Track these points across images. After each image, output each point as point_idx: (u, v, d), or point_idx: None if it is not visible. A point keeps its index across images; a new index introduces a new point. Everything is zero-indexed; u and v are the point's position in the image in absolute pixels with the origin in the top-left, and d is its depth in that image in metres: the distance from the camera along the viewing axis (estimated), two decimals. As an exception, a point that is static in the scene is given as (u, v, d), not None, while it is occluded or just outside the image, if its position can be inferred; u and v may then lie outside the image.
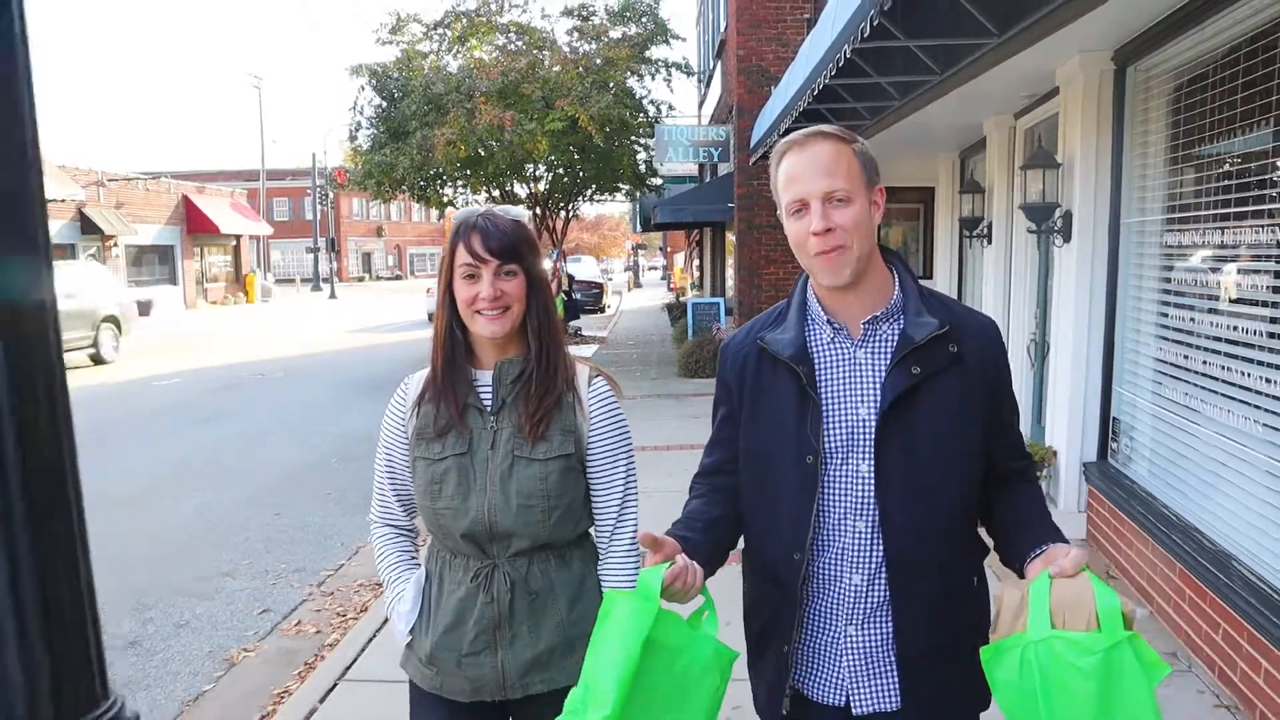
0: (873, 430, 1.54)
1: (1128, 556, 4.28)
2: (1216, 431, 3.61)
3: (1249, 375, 3.35)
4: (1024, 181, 5.18)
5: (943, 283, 9.35)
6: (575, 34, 12.89)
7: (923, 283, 1.65)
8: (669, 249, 45.81)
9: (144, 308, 27.69)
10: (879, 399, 1.55)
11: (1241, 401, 3.41)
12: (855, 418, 1.57)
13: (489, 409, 1.80)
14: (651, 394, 10.94)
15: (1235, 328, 3.47)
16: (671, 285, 37.09)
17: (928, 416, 1.54)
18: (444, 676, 1.81)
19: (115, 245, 27.15)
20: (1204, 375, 3.73)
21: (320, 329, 22.70)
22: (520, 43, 12.30)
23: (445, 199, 14.44)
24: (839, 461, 1.57)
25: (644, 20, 12.79)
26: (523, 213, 1.84)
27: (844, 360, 1.59)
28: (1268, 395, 3.21)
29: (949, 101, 5.83)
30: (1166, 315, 4.14)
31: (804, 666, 1.65)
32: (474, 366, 1.84)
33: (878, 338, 1.59)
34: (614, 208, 41.47)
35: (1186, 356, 3.90)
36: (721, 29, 14.12)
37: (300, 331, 22.12)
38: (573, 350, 1.94)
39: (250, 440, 9.00)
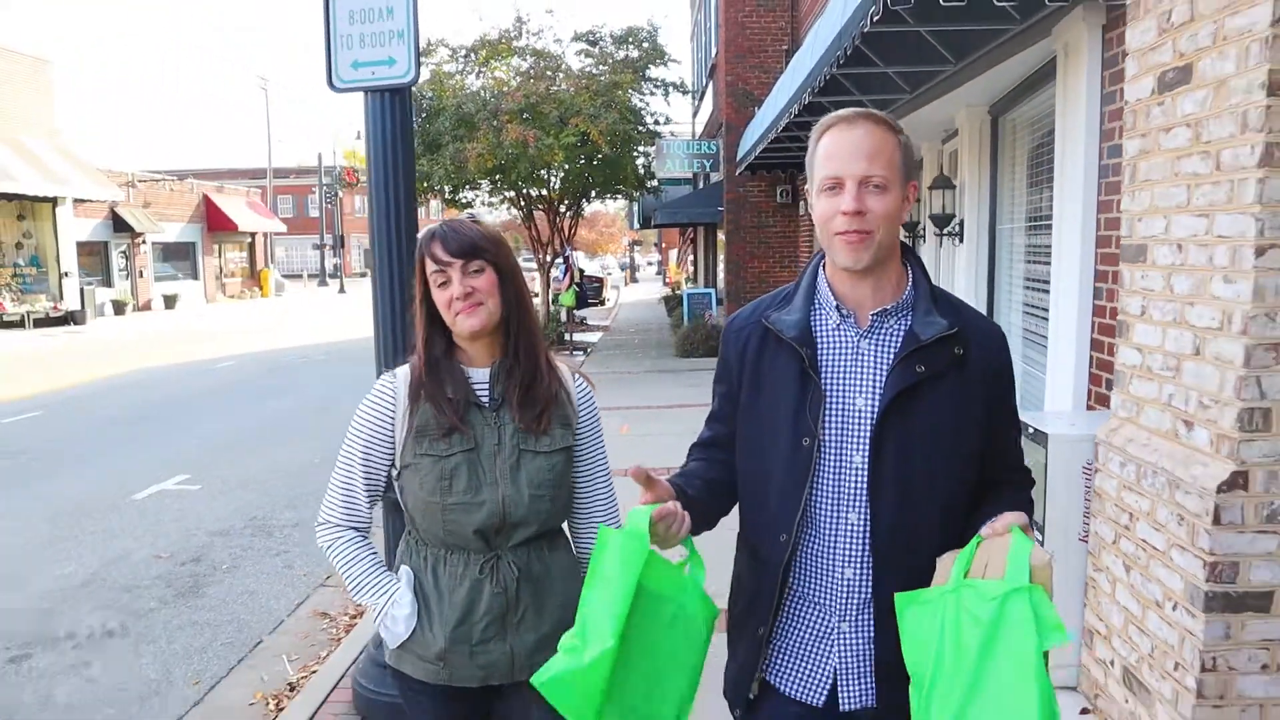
0: (870, 422, 1.53)
1: (995, 464, 6.07)
2: (1040, 371, 5.40)
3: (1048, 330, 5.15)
4: (931, 198, 6.97)
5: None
6: (583, 55, 14.66)
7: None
8: (664, 245, 47.31)
9: (171, 301, 29.47)
10: (879, 392, 1.53)
11: (1046, 348, 5.20)
12: (852, 408, 1.55)
13: (488, 406, 1.86)
14: (653, 370, 12.95)
15: (1042, 301, 5.27)
16: (668, 280, 38.53)
17: (926, 416, 1.53)
18: (453, 669, 1.85)
19: (144, 243, 28.62)
20: (1037, 334, 5.52)
21: (340, 319, 24.27)
22: (538, 65, 14.05)
23: (466, 202, 16.18)
24: (834, 449, 1.55)
25: (644, 44, 14.55)
26: (483, 215, 2.37)
27: (847, 348, 1.58)
28: (1055, 342, 5.01)
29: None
30: (1023, 294, 5.93)
31: (781, 657, 1.62)
32: (468, 365, 1.89)
33: (884, 331, 1.57)
34: (610, 204, 42.92)
35: (1029, 322, 5.70)
36: (713, 53, 15.90)
37: (322, 322, 23.79)
38: (580, 338, 2.42)
39: (316, 409, 10.76)
